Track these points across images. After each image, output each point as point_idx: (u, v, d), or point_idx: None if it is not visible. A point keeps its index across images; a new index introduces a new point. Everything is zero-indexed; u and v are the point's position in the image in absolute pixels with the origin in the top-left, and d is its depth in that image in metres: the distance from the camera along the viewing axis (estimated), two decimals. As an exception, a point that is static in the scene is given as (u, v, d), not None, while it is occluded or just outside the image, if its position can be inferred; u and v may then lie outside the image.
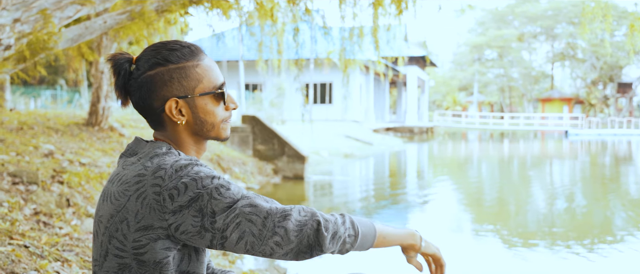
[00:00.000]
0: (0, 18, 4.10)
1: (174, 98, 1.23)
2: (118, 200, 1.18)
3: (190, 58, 1.25)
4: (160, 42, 1.27)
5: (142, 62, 1.24)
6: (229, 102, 1.31)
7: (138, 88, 1.24)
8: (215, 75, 1.27)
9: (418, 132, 34.37)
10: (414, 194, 10.10)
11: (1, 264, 2.45)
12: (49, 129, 8.72)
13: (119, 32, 8.37)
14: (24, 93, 28.08)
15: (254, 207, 1.15)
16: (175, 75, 1.23)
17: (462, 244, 5.90)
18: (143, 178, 1.17)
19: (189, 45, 1.26)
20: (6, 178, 4.32)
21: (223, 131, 1.31)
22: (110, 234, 1.19)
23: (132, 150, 1.28)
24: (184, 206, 1.13)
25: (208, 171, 1.17)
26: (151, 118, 1.28)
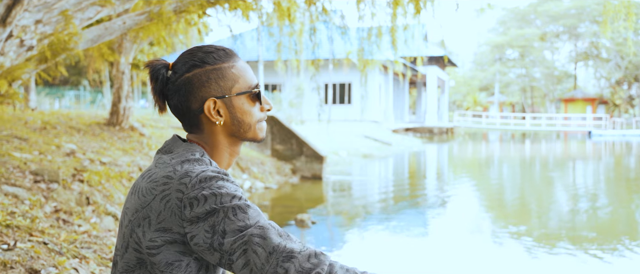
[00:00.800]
0: (22, 19, 4.18)
1: (212, 98, 1.26)
2: (144, 197, 1.21)
3: (226, 60, 1.28)
4: (195, 47, 1.30)
5: (179, 66, 1.28)
6: (264, 103, 1.33)
7: (176, 91, 1.27)
8: (250, 76, 1.31)
9: (438, 133, 34.12)
10: (433, 195, 10.01)
11: (20, 260, 2.50)
12: (72, 129, 8.87)
13: (139, 33, 8.48)
14: (48, 94, 28.61)
15: (263, 239, 1.13)
16: (213, 76, 1.26)
17: (482, 247, 5.82)
18: (170, 181, 1.19)
19: (223, 48, 1.30)
20: (28, 177, 4.40)
21: (259, 131, 1.33)
22: (132, 228, 1.22)
23: (168, 147, 1.30)
24: (201, 218, 1.15)
25: (231, 189, 1.17)
26: (189, 120, 1.30)
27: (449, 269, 4.90)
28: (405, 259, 5.18)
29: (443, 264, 5.05)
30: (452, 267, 4.97)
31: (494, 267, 5.02)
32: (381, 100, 30.35)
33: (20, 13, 4.06)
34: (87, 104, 27.71)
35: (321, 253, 1.15)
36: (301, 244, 1.17)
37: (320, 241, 6.03)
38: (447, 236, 6.37)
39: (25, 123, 8.52)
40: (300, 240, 1.18)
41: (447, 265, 5.02)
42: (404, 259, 5.17)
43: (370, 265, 4.83)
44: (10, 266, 2.43)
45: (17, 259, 2.50)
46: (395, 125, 30.03)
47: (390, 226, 6.84)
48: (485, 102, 57.03)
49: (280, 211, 7.83)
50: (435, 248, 5.72)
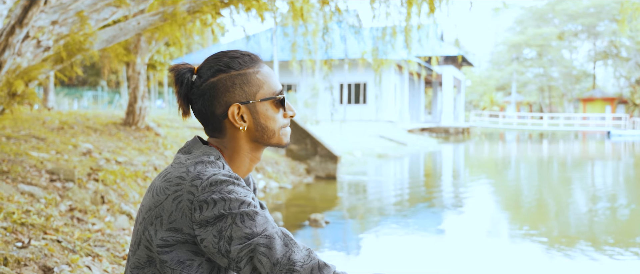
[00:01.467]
0: (38, 20, 4.24)
1: (237, 103, 1.26)
2: (158, 196, 1.23)
3: (251, 66, 1.28)
4: (220, 52, 1.31)
5: (204, 70, 1.28)
6: (288, 109, 1.33)
7: (201, 95, 1.28)
8: (275, 82, 1.31)
9: (454, 133, 33.89)
10: (449, 195, 9.92)
11: (34, 258, 2.53)
12: (88, 129, 8.97)
13: (155, 34, 8.55)
14: (67, 94, 29.02)
15: (268, 249, 1.14)
16: (237, 81, 1.26)
17: (499, 248, 5.75)
18: (183, 181, 1.20)
19: (248, 54, 1.30)
20: (44, 175, 4.46)
21: (284, 137, 1.34)
22: (145, 226, 1.24)
23: (188, 148, 1.32)
24: (210, 223, 1.16)
25: (241, 195, 1.17)
26: (212, 125, 1.31)
27: (465, 270, 4.85)
28: (421, 260, 5.14)
29: (459, 265, 5.00)
30: (469, 268, 4.92)
31: (511, 268, 4.95)
32: (396, 100, 30.24)
33: (37, 14, 4.11)
34: (104, 104, 28.04)
35: (324, 265, 1.15)
36: (307, 253, 1.16)
37: (333, 241, 6.02)
38: (463, 237, 6.30)
39: (43, 123, 8.64)
40: (307, 247, 1.18)
41: (464, 266, 4.96)
42: (420, 260, 5.13)
43: (385, 266, 4.81)
44: (24, 263, 2.46)
45: (31, 256, 2.53)
46: (411, 125, 29.89)
47: (405, 227, 6.79)
48: (502, 102, 56.51)
49: (294, 211, 7.83)
50: (451, 249, 5.66)
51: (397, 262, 4.98)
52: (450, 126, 34.36)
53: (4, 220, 2.98)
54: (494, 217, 7.82)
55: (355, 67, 27.26)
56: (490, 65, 61.14)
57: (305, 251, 1.16)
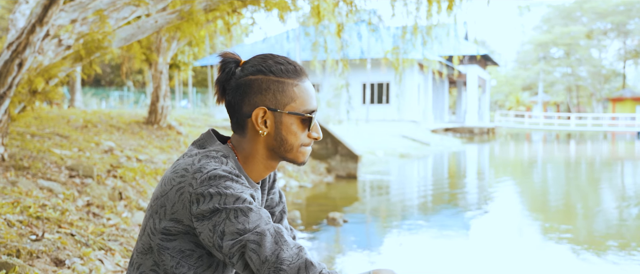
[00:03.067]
0: (58, 19, 4.31)
1: (264, 107, 1.26)
2: (165, 186, 1.25)
3: (292, 76, 1.28)
4: (270, 54, 1.32)
5: (247, 66, 1.30)
6: (313, 130, 1.32)
7: (236, 88, 1.29)
8: (309, 100, 1.30)
9: (478, 133, 33.48)
10: (474, 196, 9.74)
11: (47, 250, 2.57)
12: (112, 127, 9.12)
13: (176, 33, 8.64)
14: (94, 95, 29.60)
15: (258, 246, 1.14)
16: (273, 87, 1.27)
17: (525, 250, 5.57)
18: (187, 173, 1.22)
19: (295, 64, 1.30)
20: (64, 172, 4.54)
21: (301, 155, 1.33)
22: (151, 213, 1.27)
23: (202, 142, 1.34)
24: (206, 217, 1.17)
25: (237, 191, 1.18)
26: (237, 120, 1.32)
27: (490, 272, 4.75)
28: (443, 261, 5.05)
29: (484, 268, 4.89)
30: (494, 270, 4.81)
31: (537, 271, 4.83)
32: (420, 99, 30.01)
33: (56, 13, 4.19)
34: (130, 104, 28.49)
35: (311, 264, 1.14)
36: (296, 251, 1.16)
37: (350, 240, 5.99)
38: (488, 239, 6.15)
39: (67, 121, 8.81)
40: (299, 246, 1.17)
41: (488, 269, 4.85)
42: (442, 261, 5.05)
43: (403, 266, 4.75)
44: (37, 255, 2.50)
45: (44, 249, 2.57)
46: (435, 125, 29.63)
47: (427, 227, 6.66)
48: (528, 102, 55.62)
49: (313, 209, 7.83)
50: (475, 251, 5.53)
51: (417, 263, 4.92)
52: (475, 126, 33.95)
53: (20, 214, 3.05)
54: (519, 219, 7.61)
55: (378, 66, 27.15)
56: (517, 65, 60.25)
57: (295, 249, 1.16)
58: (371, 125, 23.83)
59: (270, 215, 1.55)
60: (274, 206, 1.56)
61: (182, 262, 1.26)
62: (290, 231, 1.61)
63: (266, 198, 1.53)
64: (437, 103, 35.56)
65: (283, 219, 1.59)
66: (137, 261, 1.32)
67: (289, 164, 10.81)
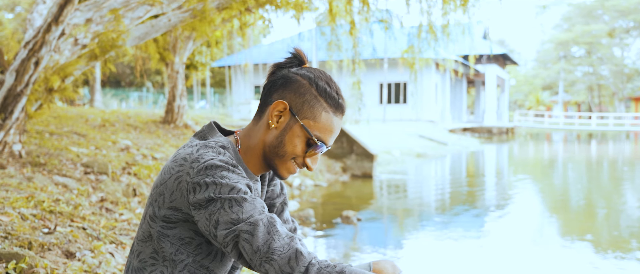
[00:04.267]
0: (74, 18, 4.39)
1: (286, 103, 1.28)
2: (164, 175, 1.28)
3: (329, 104, 1.30)
4: (330, 76, 1.34)
5: (305, 69, 1.33)
6: (311, 155, 1.32)
7: (281, 77, 1.32)
8: (327, 133, 1.31)
9: (497, 133, 33.15)
10: (492, 197, 9.57)
11: (58, 243, 2.62)
12: (129, 126, 9.23)
13: (192, 34, 8.72)
14: (114, 95, 30.00)
15: (251, 236, 1.15)
16: (307, 97, 1.29)
17: (546, 252, 5.43)
18: (185, 163, 1.24)
19: (340, 97, 1.32)
20: (79, 168, 4.61)
21: (286, 169, 1.33)
22: (151, 202, 1.30)
23: (202, 133, 1.37)
24: (202, 206, 1.19)
25: (233, 181, 1.19)
26: (261, 104, 1.34)
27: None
28: (461, 261, 4.99)
29: (502, 268, 4.79)
30: (512, 272, 4.70)
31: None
32: (437, 99, 29.81)
33: (72, 12, 4.26)
34: (149, 104, 28.79)
35: (300, 254, 1.14)
36: (288, 241, 1.16)
37: (363, 238, 5.98)
38: (506, 239, 6.01)
39: (85, 120, 8.95)
40: (291, 236, 1.18)
41: (506, 270, 4.75)
42: (460, 261, 4.98)
43: (416, 267, 4.70)
44: (48, 248, 2.55)
45: (55, 242, 2.62)
46: (453, 125, 29.41)
47: (443, 228, 6.54)
48: (548, 102, 54.90)
49: (328, 208, 7.82)
50: (493, 251, 5.41)
51: (434, 263, 4.86)
52: (494, 126, 33.61)
53: (34, 208, 3.11)
54: (539, 219, 7.42)
55: (395, 66, 27.05)
56: (536, 64, 59.49)
57: (287, 239, 1.16)
58: (388, 124, 23.74)
59: (271, 206, 1.56)
60: (275, 197, 1.57)
61: (182, 249, 1.28)
62: (292, 222, 1.62)
63: (267, 190, 1.54)
64: (455, 103, 35.30)
65: (284, 210, 1.60)
66: (137, 249, 1.34)
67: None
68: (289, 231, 1.19)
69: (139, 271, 1.33)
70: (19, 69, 4.22)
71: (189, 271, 1.30)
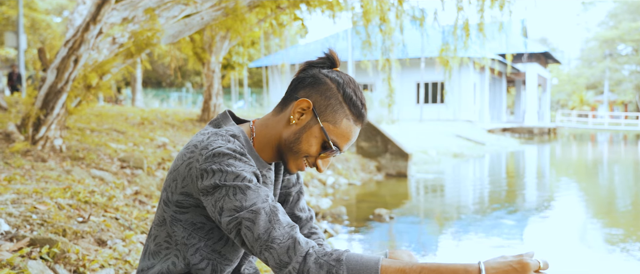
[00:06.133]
0: (111, 17, 4.53)
1: (311, 103, 1.31)
2: (177, 161, 1.32)
3: (352, 112, 1.33)
4: (358, 85, 1.38)
5: (335, 72, 1.37)
6: (324, 157, 1.35)
7: (311, 76, 1.35)
8: (345, 139, 1.34)
9: (538, 133, 32.35)
10: (533, 198, 9.21)
11: (91, 231, 2.72)
12: (166, 124, 9.45)
13: (228, 33, 8.85)
14: (155, 95, 30.73)
15: (253, 223, 1.17)
16: (333, 101, 1.32)
17: (589, 256, 5.20)
18: (196, 149, 1.28)
19: (364, 107, 1.35)
20: (116, 163, 4.76)
21: (297, 164, 1.36)
22: (165, 186, 1.34)
23: (217, 121, 1.40)
24: (209, 192, 1.22)
25: (239, 169, 1.22)
26: (285, 97, 1.38)
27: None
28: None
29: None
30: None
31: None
32: (476, 99, 29.33)
33: (109, 11, 4.40)
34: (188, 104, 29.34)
35: (298, 244, 1.15)
36: (288, 230, 1.17)
37: (397, 237, 5.95)
38: (547, 243, 5.77)
39: (125, 119, 9.21)
40: (293, 225, 1.19)
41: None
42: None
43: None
44: (81, 236, 2.65)
45: (88, 230, 2.72)
46: (491, 125, 28.88)
47: (480, 229, 6.33)
48: (593, 101, 53.22)
49: (362, 206, 7.82)
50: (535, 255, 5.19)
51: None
52: (534, 126, 32.82)
53: (70, 198, 3.24)
54: (583, 223, 7.05)
55: (432, 65, 26.75)
56: (580, 62, 57.77)
57: (288, 228, 1.18)
58: (424, 124, 23.51)
59: (287, 195, 1.58)
60: (291, 187, 1.59)
61: (194, 234, 1.32)
62: (308, 211, 1.64)
63: (282, 179, 1.56)
64: (494, 103, 34.64)
65: (300, 199, 1.62)
66: (154, 232, 1.38)
67: (338, 161, 10.86)
68: (291, 221, 1.20)
69: (154, 254, 1.37)
70: (60, 67, 4.38)
71: (201, 255, 1.33)
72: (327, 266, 1.12)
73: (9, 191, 3.14)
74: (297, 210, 1.60)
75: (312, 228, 1.62)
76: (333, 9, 9.17)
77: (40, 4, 27.89)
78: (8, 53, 30.07)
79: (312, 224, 1.63)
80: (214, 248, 1.34)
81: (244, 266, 1.50)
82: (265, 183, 1.41)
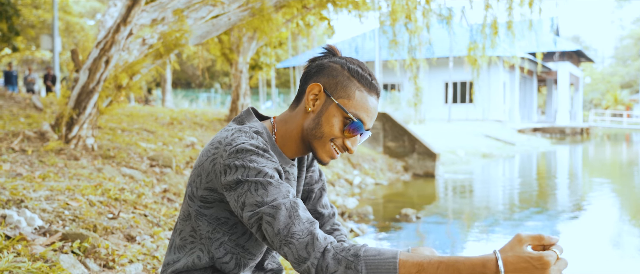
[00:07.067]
0: (141, 19, 4.62)
1: (320, 85, 1.34)
2: (201, 157, 1.34)
3: (362, 83, 1.35)
4: (362, 62, 1.41)
5: (337, 57, 1.41)
6: (350, 136, 1.36)
7: (314, 66, 1.39)
8: (363, 111, 1.34)
9: (570, 133, 31.67)
10: (565, 199, 8.98)
11: (121, 227, 2.79)
12: (195, 124, 9.58)
13: (255, 33, 8.93)
14: (185, 96, 31.17)
15: (273, 219, 1.18)
16: (340, 78, 1.34)
17: (626, 261, 5.07)
18: (220, 145, 1.30)
19: (372, 78, 1.38)
20: (145, 161, 4.85)
21: (326, 152, 1.36)
22: (190, 182, 1.37)
23: (240, 118, 1.43)
24: (232, 187, 1.24)
25: (260, 165, 1.24)
26: (298, 92, 1.41)
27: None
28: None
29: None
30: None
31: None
32: (505, 98, 28.88)
33: (139, 13, 4.49)
34: (217, 105, 29.67)
35: (316, 239, 1.16)
36: (307, 226, 1.18)
37: (423, 237, 5.91)
38: (581, 245, 5.61)
39: (155, 119, 9.37)
40: (312, 220, 1.20)
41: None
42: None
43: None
44: (111, 231, 2.72)
45: (118, 226, 2.79)
46: (522, 125, 28.39)
47: (512, 229, 6.23)
48: (627, 100, 51.83)
49: (388, 206, 7.79)
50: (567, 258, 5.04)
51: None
52: (566, 126, 32.13)
53: (101, 195, 3.32)
54: (618, 225, 6.84)
55: (461, 65, 26.46)
56: (614, 61, 56.36)
57: (307, 224, 1.18)
58: (453, 124, 23.27)
59: (310, 191, 1.59)
60: (313, 183, 1.60)
61: (218, 228, 1.34)
62: (331, 207, 1.65)
63: (305, 176, 1.57)
64: (524, 102, 34.06)
65: (323, 196, 1.63)
66: (179, 227, 1.42)
67: (365, 161, 10.84)
68: (310, 217, 1.21)
69: (180, 248, 1.40)
70: (92, 68, 4.49)
71: (225, 249, 1.36)
72: (345, 262, 1.12)
73: (43, 188, 3.24)
74: (319, 206, 1.61)
75: (334, 225, 1.63)
76: (360, 8, 9.17)
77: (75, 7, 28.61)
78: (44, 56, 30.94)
79: (335, 220, 1.64)
80: (238, 243, 1.36)
81: (267, 261, 1.52)
82: (288, 179, 1.43)
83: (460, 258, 1.09)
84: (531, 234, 1.09)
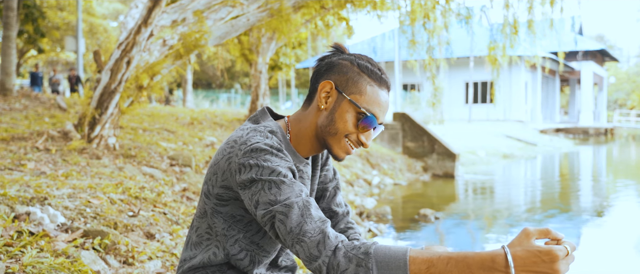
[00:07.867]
0: (161, 20, 4.69)
1: (331, 82, 1.36)
2: (217, 155, 1.37)
3: (372, 78, 1.37)
4: (371, 58, 1.43)
5: (346, 54, 1.43)
6: (364, 130, 1.37)
7: (325, 64, 1.42)
8: (375, 105, 1.36)
9: (594, 134, 31.14)
10: (588, 201, 8.82)
11: (140, 225, 2.84)
12: (215, 124, 9.67)
13: (274, 34, 8.98)
14: (205, 97, 31.45)
15: (286, 217, 1.20)
16: (350, 74, 1.37)
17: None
18: (235, 144, 1.33)
19: (382, 72, 1.40)
20: (165, 160, 4.92)
21: (341, 148, 1.38)
22: (206, 179, 1.39)
23: (255, 118, 1.46)
24: (246, 186, 1.26)
25: (274, 164, 1.26)
26: (310, 91, 1.44)
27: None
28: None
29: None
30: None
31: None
32: (527, 98, 28.52)
33: (159, 14, 4.56)
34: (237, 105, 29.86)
35: (327, 238, 1.17)
36: (319, 225, 1.19)
37: (441, 237, 5.88)
38: (605, 248, 5.49)
39: (176, 119, 9.48)
40: (324, 219, 1.21)
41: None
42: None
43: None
44: (131, 229, 2.78)
45: (138, 224, 2.85)
46: (544, 125, 28.01)
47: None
48: (654, 101, 50.73)
49: (407, 206, 7.76)
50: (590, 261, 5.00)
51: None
52: (590, 126, 31.61)
53: (122, 194, 3.39)
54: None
55: (481, 65, 26.21)
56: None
57: (319, 223, 1.20)
58: (473, 124, 23.07)
59: (324, 190, 1.61)
60: (328, 182, 1.62)
61: (233, 226, 1.37)
62: (345, 206, 1.66)
63: (320, 175, 1.59)
64: (546, 102, 33.59)
65: (337, 195, 1.65)
66: (196, 224, 1.45)
67: (384, 161, 10.82)
68: (323, 216, 1.23)
69: (196, 245, 1.44)
70: (113, 68, 4.57)
71: (240, 246, 1.38)
72: (356, 260, 1.13)
73: (65, 186, 3.32)
74: (333, 205, 1.63)
75: (348, 223, 1.64)
76: (378, 8, 9.15)
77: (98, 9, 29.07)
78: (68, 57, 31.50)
79: (348, 219, 1.66)
80: (253, 240, 1.39)
81: (282, 258, 1.54)
82: (302, 177, 1.45)
83: (470, 253, 1.10)
84: (538, 228, 1.10)
